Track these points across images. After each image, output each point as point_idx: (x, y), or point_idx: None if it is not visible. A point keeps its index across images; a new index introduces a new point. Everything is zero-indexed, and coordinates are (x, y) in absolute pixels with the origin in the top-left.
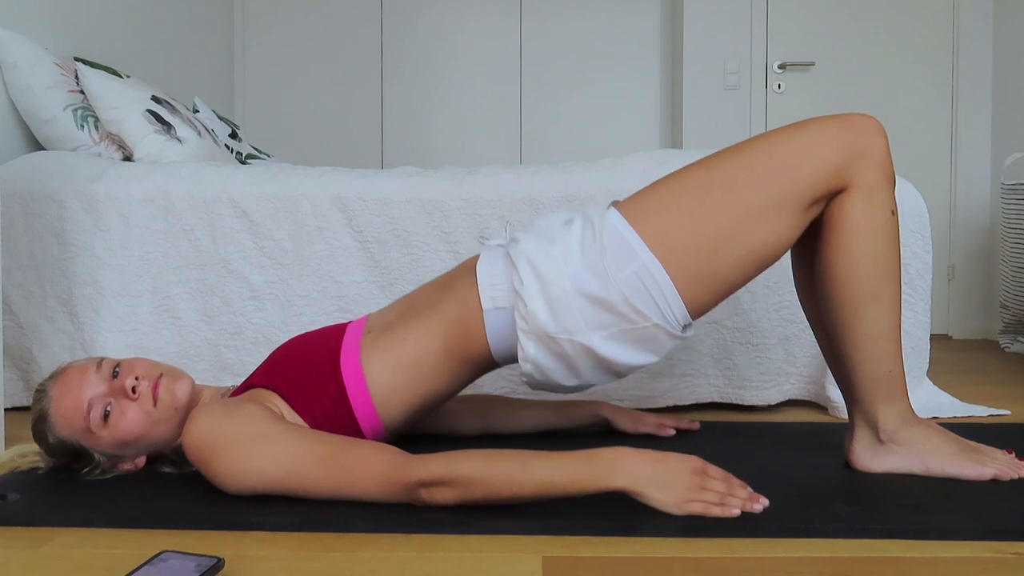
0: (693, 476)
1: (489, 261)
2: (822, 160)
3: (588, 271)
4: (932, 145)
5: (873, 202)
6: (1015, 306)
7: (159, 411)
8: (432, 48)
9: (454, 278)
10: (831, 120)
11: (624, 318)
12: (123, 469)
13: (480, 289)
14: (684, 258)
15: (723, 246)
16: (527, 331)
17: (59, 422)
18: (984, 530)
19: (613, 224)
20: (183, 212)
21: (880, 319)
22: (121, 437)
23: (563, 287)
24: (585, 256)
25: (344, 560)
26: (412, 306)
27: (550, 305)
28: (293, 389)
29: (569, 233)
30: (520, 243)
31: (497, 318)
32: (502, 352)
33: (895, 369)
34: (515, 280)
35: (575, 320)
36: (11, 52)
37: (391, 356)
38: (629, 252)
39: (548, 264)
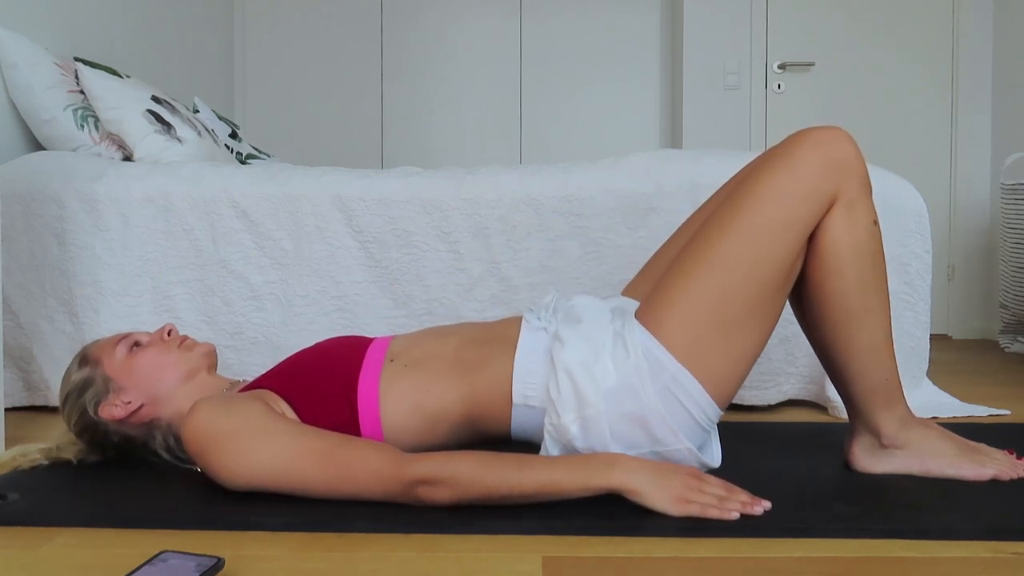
0: (690, 478)
1: (529, 350)
2: (811, 193)
3: (624, 388)
4: (932, 145)
5: (854, 214)
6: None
7: (179, 356)
8: (432, 48)
9: (492, 346)
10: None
11: (657, 441)
12: (113, 407)
13: (514, 383)
14: (708, 357)
15: (741, 328)
16: (555, 438)
17: (91, 345)
18: (984, 530)
19: (640, 340)
20: (183, 212)
21: (873, 331)
22: (135, 364)
23: (598, 408)
24: (619, 372)
25: (344, 560)
26: (443, 355)
27: (582, 422)
28: (304, 400)
29: (607, 346)
30: (564, 348)
31: (525, 413)
32: (521, 438)
33: (891, 377)
34: (552, 388)
35: (603, 440)
36: (11, 52)
37: (411, 399)
38: (658, 366)
39: (588, 381)
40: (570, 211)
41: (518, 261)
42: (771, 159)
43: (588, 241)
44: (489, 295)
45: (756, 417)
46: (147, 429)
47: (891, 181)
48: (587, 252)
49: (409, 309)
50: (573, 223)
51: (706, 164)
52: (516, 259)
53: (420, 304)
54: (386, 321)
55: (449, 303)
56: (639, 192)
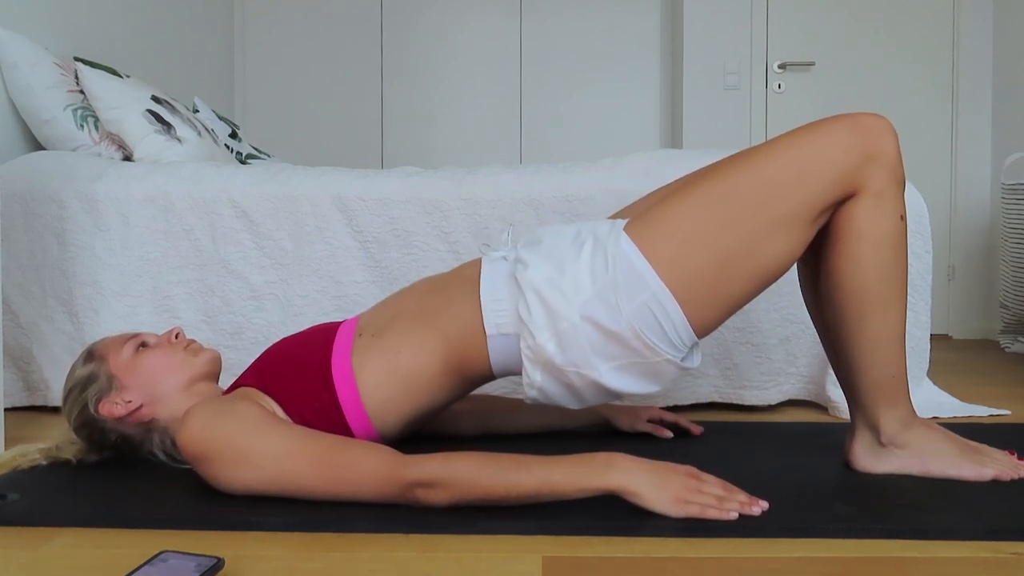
0: (689, 478)
1: (492, 280)
2: (834, 167)
3: (599, 302)
4: (932, 145)
5: (881, 207)
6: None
7: (184, 360)
8: (432, 48)
9: (452, 287)
10: (840, 122)
11: (634, 352)
12: (114, 404)
13: (484, 313)
14: (694, 284)
15: (735, 266)
16: (534, 361)
17: (99, 342)
18: (984, 530)
19: (625, 253)
20: (183, 212)
21: (886, 325)
22: (139, 364)
23: (572, 320)
24: (596, 286)
25: (344, 560)
26: (405, 311)
27: (558, 338)
28: (284, 393)
29: (579, 259)
30: (528, 268)
31: (501, 343)
32: (503, 370)
33: (899, 374)
34: (522, 309)
35: (583, 353)
36: (11, 52)
37: (385, 367)
38: (640, 282)
39: (557, 296)
40: (570, 211)
41: None
42: (808, 128)
43: None
44: None
45: (756, 417)
46: (145, 429)
47: None
48: None
49: None
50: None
51: (706, 164)
52: None
53: None
54: None
55: None
56: (639, 192)
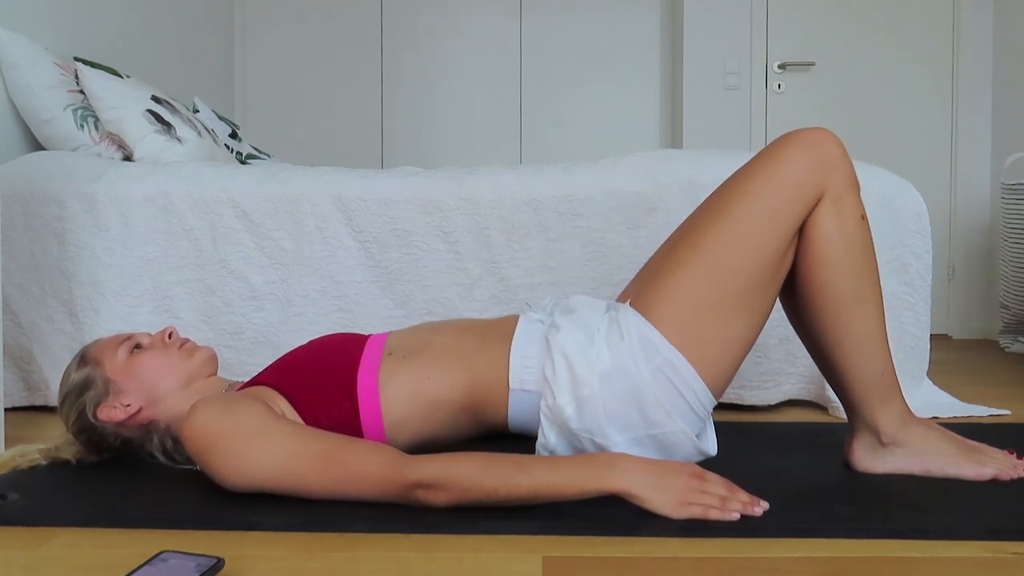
0: (691, 479)
1: (525, 338)
2: (798, 187)
3: (617, 370)
4: (932, 145)
5: (842, 209)
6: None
7: (179, 361)
8: (432, 48)
9: (488, 335)
10: (788, 143)
11: (650, 423)
12: (112, 409)
13: (511, 367)
14: (701, 341)
15: (734, 314)
16: (551, 421)
17: (92, 346)
18: (984, 530)
19: (633, 324)
20: (183, 212)
21: (865, 324)
22: (135, 366)
23: (592, 387)
24: (613, 355)
25: (344, 560)
26: (438, 344)
27: (578, 402)
28: (302, 396)
29: (600, 331)
30: (560, 332)
31: (521, 399)
32: (518, 427)
33: (887, 371)
34: (547, 369)
35: (599, 421)
36: (11, 52)
37: (410, 388)
38: (652, 349)
39: (582, 362)
40: (570, 211)
41: (518, 261)
42: (760, 158)
43: (588, 241)
44: (489, 295)
45: (756, 417)
46: (144, 432)
47: (891, 181)
48: (587, 252)
49: (409, 309)
50: (573, 223)
51: (706, 164)
52: (516, 259)
53: (420, 304)
54: (386, 321)
55: (449, 303)
56: (639, 192)
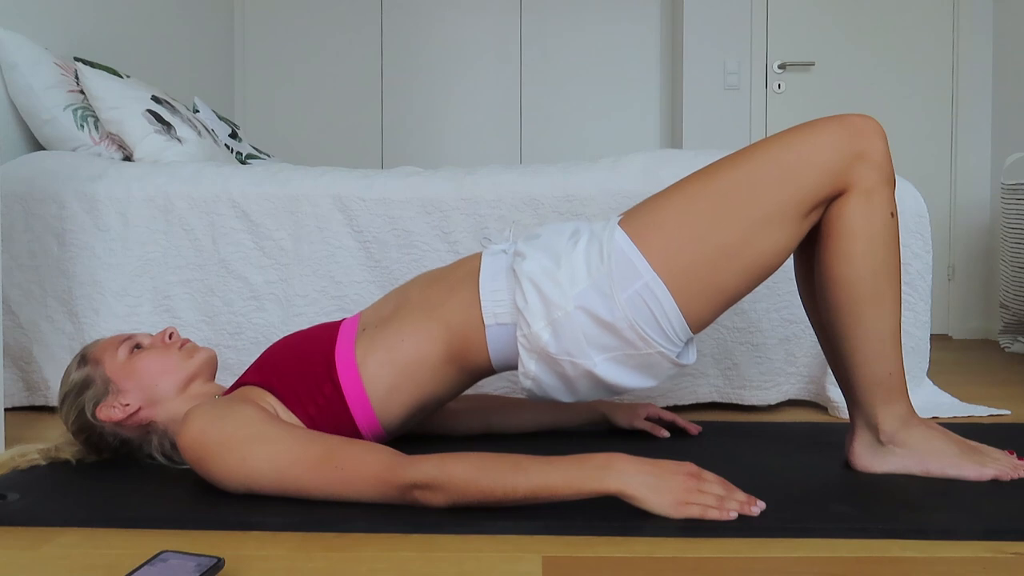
0: (689, 479)
1: (492, 272)
2: (822, 165)
3: (594, 292)
4: (932, 145)
5: (872, 204)
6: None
7: (179, 361)
8: (432, 48)
9: (454, 279)
10: (830, 122)
11: (628, 343)
12: (111, 408)
13: (483, 304)
14: (687, 275)
15: (726, 260)
16: (529, 350)
17: (92, 346)
18: (984, 530)
19: (619, 244)
20: (183, 212)
21: (880, 322)
22: (135, 366)
23: (566, 309)
24: (591, 276)
25: (344, 560)
26: (408, 302)
27: (553, 327)
28: (287, 388)
29: (575, 251)
30: (525, 259)
31: (499, 333)
32: (502, 363)
33: (896, 371)
34: (519, 299)
35: (577, 342)
36: (11, 52)
37: (388, 356)
38: (633, 272)
39: (552, 286)
40: (570, 211)
41: None
42: (800, 128)
43: None
44: None
45: (756, 417)
46: (143, 432)
47: None
48: None
49: None
50: None
51: (705, 164)
52: None
53: None
54: None
55: None
56: (639, 192)
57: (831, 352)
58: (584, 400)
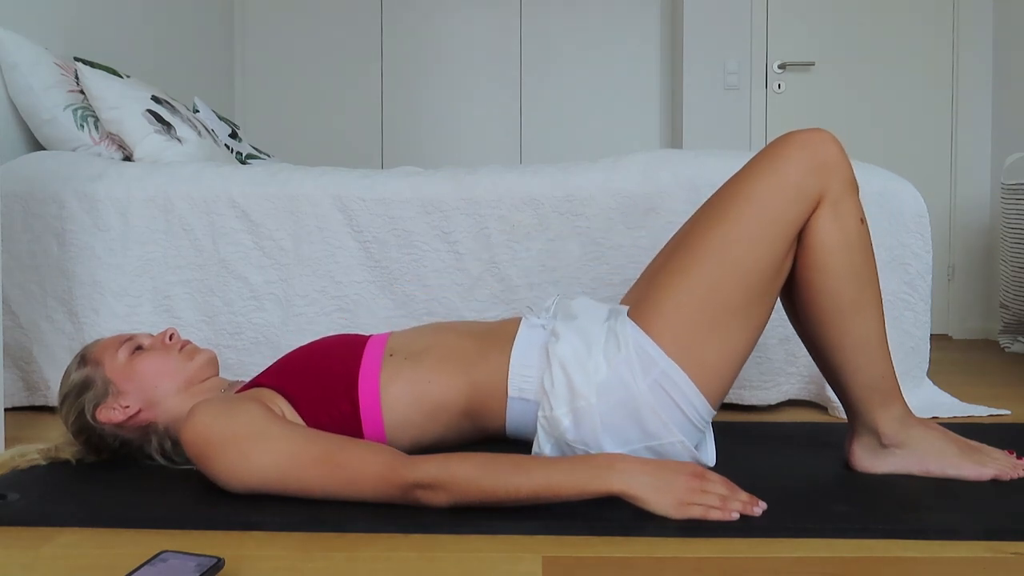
0: (691, 479)
1: (526, 345)
2: (795, 191)
3: (615, 381)
4: (932, 145)
5: (840, 213)
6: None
7: (179, 363)
8: (432, 48)
9: (489, 340)
10: (786, 146)
11: (648, 434)
12: (111, 410)
13: (510, 376)
14: (700, 350)
15: (734, 319)
16: (547, 431)
17: (92, 346)
18: (984, 530)
19: (631, 335)
20: (183, 212)
21: (866, 327)
22: (135, 368)
23: (589, 400)
24: (610, 366)
25: (344, 560)
26: (441, 346)
27: (575, 415)
28: (303, 397)
29: (599, 342)
30: (559, 342)
31: (520, 407)
32: (516, 434)
33: (887, 374)
34: (546, 380)
35: (595, 433)
36: (11, 52)
37: (412, 391)
38: (649, 360)
39: (581, 374)
40: (570, 211)
41: (518, 261)
42: (758, 161)
43: (588, 241)
44: (489, 295)
45: (756, 417)
46: (143, 433)
47: (891, 181)
48: (587, 252)
49: (409, 309)
50: (573, 223)
51: (706, 164)
52: (516, 259)
53: (420, 304)
54: (386, 321)
55: (449, 303)
56: (639, 192)
57: (822, 362)
58: None
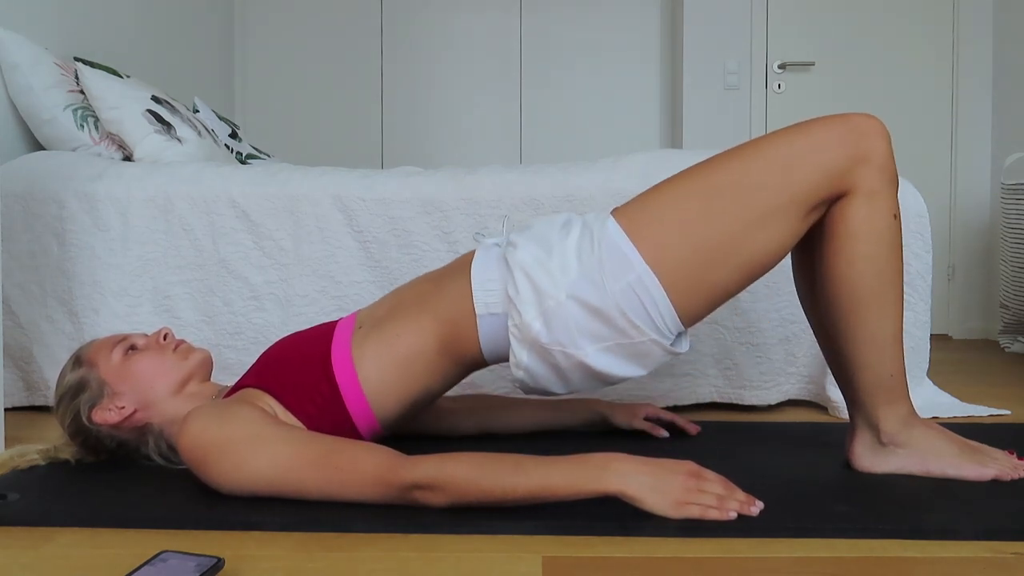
0: (688, 479)
1: (484, 263)
2: (824, 164)
3: (585, 281)
4: (932, 145)
5: (875, 206)
6: (1015, 306)
7: (174, 363)
8: (432, 48)
9: (447, 274)
10: (832, 121)
11: (620, 332)
12: (107, 411)
13: (474, 294)
14: (680, 269)
15: (721, 255)
16: (520, 340)
17: (87, 347)
18: (984, 530)
19: (611, 235)
20: (183, 212)
21: (882, 324)
22: (130, 368)
23: (558, 299)
24: (582, 265)
25: (344, 560)
26: (403, 301)
27: (544, 316)
28: (285, 389)
29: (566, 240)
30: (517, 249)
31: (490, 323)
32: (494, 355)
33: (897, 373)
34: (510, 288)
35: (569, 332)
36: (11, 52)
37: (383, 353)
38: (625, 263)
39: (544, 275)
40: (570, 211)
41: None
42: (802, 125)
43: None
44: None
45: (756, 417)
46: (140, 434)
47: None
48: None
49: None
50: None
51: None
52: None
53: None
54: None
55: None
56: (638, 192)
57: (832, 354)
58: (577, 391)
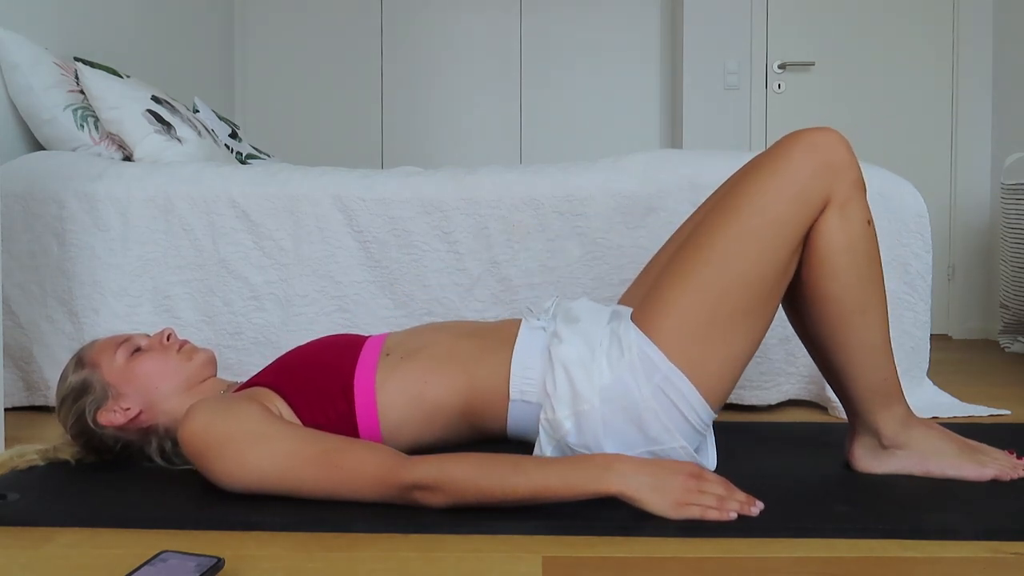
0: (688, 479)
1: (527, 348)
2: (801, 194)
3: (618, 386)
4: (932, 145)
5: (848, 215)
6: (1015, 306)
7: (178, 364)
8: (432, 48)
9: (489, 341)
10: (793, 146)
11: (652, 439)
12: (112, 413)
13: (512, 378)
14: (702, 356)
15: (739, 323)
16: (549, 434)
17: (89, 348)
18: (984, 530)
19: (635, 340)
20: (183, 212)
21: (869, 330)
22: (134, 370)
23: (593, 403)
24: (613, 371)
25: (344, 560)
26: (438, 346)
27: (576, 417)
28: (300, 396)
29: (602, 345)
30: (562, 344)
31: (522, 409)
32: (517, 436)
33: (890, 376)
34: (548, 383)
35: (596, 437)
36: (11, 52)
37: (408, 391)
38: (651, 365)
39: (583, 377)
40: (570, 211)
41: (518, 261)
42: (764, 161)
43: (588, 241)
44: (489, 295)
45: (756, 417)
46: (143, 435)
47: (891, 181)
48: (587, 252)
49: (409, 309)
50: (573, 223)
51: (706, 164)
52: (516, 259)
53: (420, 304)
54: (386, 321)
55: (449, 303)
56: (639, 192)
57: (823, 364)
58: None
